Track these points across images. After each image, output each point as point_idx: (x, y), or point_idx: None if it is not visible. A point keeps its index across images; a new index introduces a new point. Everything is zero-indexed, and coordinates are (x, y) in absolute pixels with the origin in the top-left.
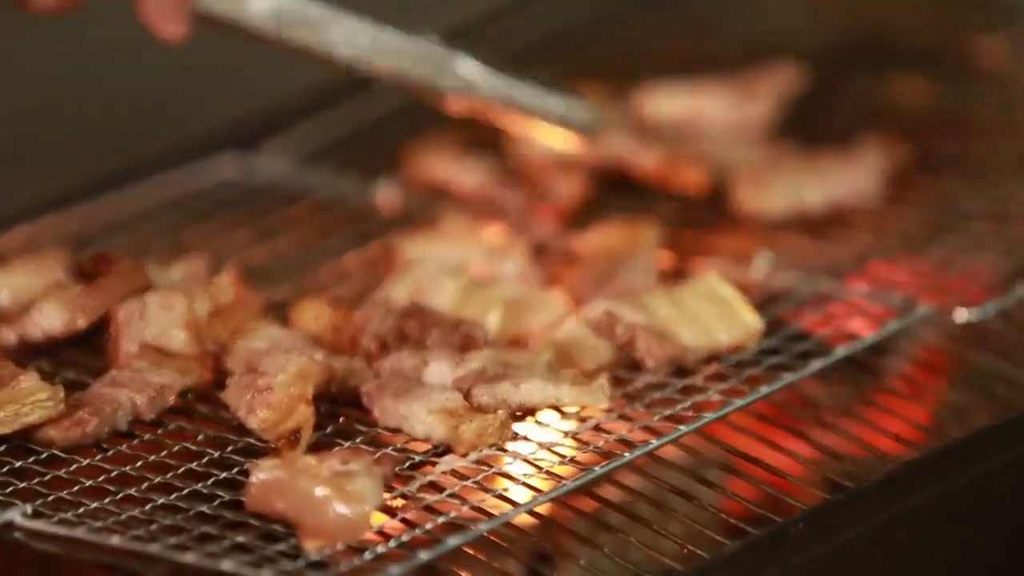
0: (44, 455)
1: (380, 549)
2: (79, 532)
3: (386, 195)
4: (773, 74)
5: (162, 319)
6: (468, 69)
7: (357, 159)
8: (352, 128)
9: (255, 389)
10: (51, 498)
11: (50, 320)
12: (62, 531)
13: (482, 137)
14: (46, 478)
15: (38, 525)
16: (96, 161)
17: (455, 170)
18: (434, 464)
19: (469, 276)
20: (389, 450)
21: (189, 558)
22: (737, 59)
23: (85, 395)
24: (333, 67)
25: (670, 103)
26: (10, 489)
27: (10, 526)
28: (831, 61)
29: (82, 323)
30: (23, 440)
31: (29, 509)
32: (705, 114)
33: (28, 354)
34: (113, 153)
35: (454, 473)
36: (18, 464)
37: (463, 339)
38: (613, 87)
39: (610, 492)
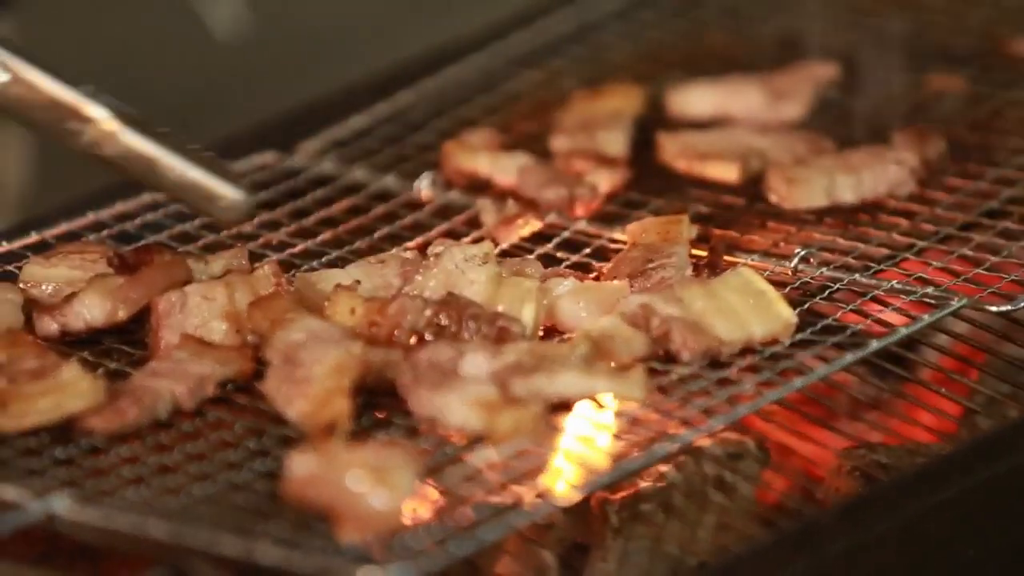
0: (85, 445)
1: (414, 540)
2: (118, 522)
3: (426, 192)
4: (807, 71)
5: (203, 310)
6: (102, 117)
7: (396, 157)
8: (391, 126)
9: (293, 380)
10: (91, 488)
11: (92, 311)
12: (102, 521)
13: (520, 133)
14: (86, 468)
15: (78, 515)
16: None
17: (494, 166)
18: (469, 455)
19: (497, 267)
20: (424, 441)
21: (227, 548)
22: (772, 57)
23: (126, 385)
24: None
25: (702, 100)
26: (51, 478)
27: (51, 516)
28: (865, 58)
29: (123, 314)
30: (64, 430)
31: (69, 499)
32: (738, 111)
33: (69, 344)
34: None
35: (489, 464)
36: (59, 453)
37: (499, 332)
38: (643, 85)
39: (644, 483)
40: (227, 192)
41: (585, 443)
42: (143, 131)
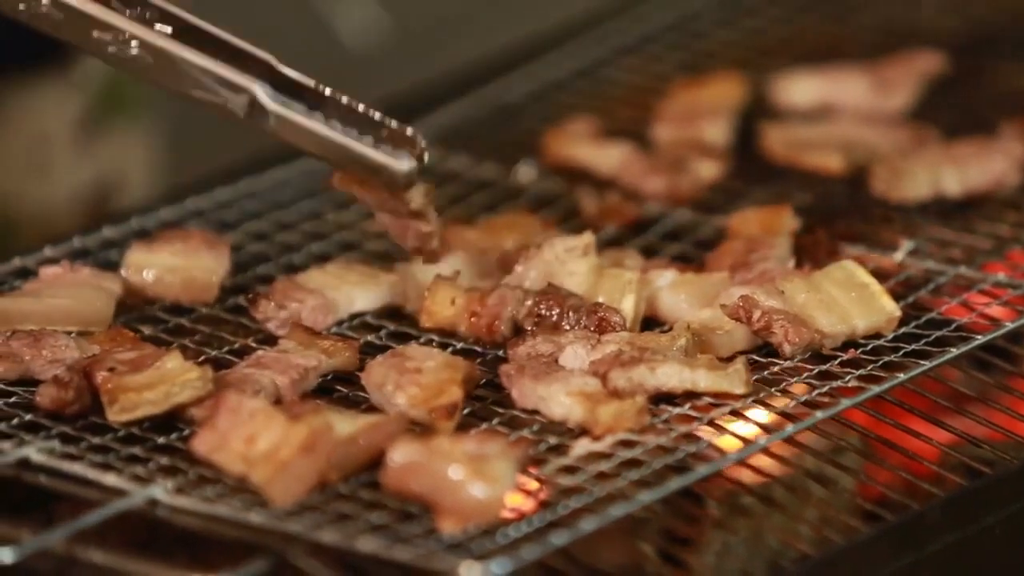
0: (186, 432)
1: (514, 531)
2: (219, 509)
3: (525, 179)
4: (913, 61)
5: None
6: (264, 96)
7: (496, 144)
8: (491, 113)
9: (403, 371)
10: (192, 475)
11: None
12: (203, 508)
13: (621, 121)
14: (188, 454)
15: (179, 501)
16: (237, 146)
17: (594, 154)
18: (570, 447)
19: (597, 258)
20: (525, 432)
21: (327, 537)
22: (875, 46)
23: (230, 374)
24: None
25: (805, 89)
26: (152, 465)
27: (153, 502)
28: (971, 48)
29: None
30: (165, 416)
31: (171, 485)
32: (842, 101)
33: (167, 331)
34: (254, 137)
35: (590, 456)
36: (160, 441)
37: (599, 322)
38: (744, 74)
39: (745, 476)
40: (391, 163)
41: (685, 435)
42: (307, 104)
